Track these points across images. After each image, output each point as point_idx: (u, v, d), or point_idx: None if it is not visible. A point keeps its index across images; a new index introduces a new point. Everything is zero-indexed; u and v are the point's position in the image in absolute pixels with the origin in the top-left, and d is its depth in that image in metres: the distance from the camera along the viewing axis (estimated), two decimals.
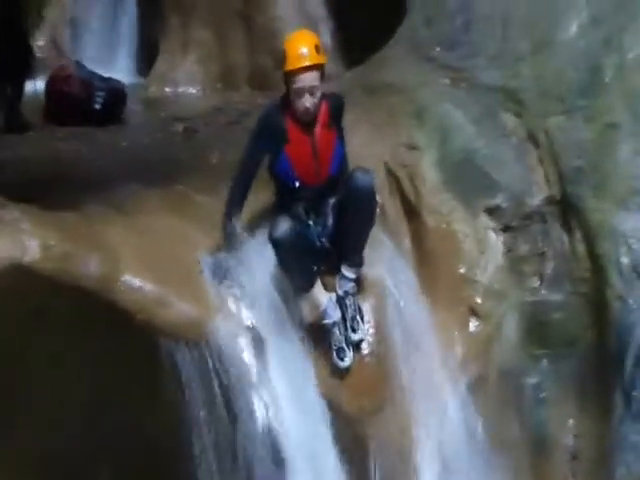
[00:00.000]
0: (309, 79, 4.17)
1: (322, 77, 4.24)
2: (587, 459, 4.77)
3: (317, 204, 4.42)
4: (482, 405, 4.72)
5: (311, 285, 4.30)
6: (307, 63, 4.15)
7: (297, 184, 4.33)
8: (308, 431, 4.18)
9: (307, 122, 4.27)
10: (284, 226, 4.11)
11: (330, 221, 4.43)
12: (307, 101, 4.19)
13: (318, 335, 4.37)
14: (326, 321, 4.35)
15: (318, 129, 4.30)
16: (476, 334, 4.81)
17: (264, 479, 4.12)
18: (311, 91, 4.18)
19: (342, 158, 4.42)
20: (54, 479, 4.12)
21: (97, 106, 7.08)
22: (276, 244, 4.12)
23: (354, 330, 4.43)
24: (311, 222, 4.39)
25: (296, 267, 4.21)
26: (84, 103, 7.04)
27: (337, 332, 4.37)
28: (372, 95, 5.38)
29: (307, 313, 4.34)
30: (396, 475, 4.54)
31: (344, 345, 4.38)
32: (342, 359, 4.37)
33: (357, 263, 4.43)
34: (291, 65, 4.17)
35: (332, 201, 4.43)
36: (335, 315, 4.37)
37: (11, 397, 3.92)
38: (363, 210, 4.31)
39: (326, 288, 4.39)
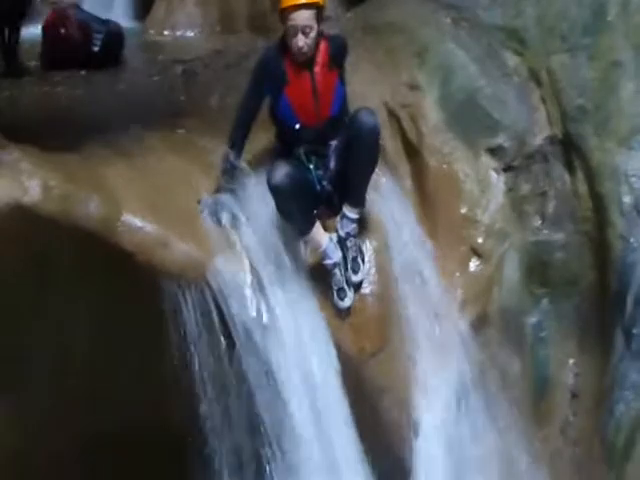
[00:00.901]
0: (302, 17, 4.14)
1: (319, 18, 4.20)
2: (587, 397, 4.80)
3: (318, 147, 4.39)
4: (483, 344, 4.75)
5: (310, 227, 4.30)
6: (301, 1, 4.12)
7: (297, 125, 4.31)
8: (311, 367, 4.20)
9: (305, 62, 4.24)
10: (282, 171, 4.10)
11: (332, 164, 4.41)
12: (300, 40, 4.15)
13: (319, 275, 4.37)
14: (327, 262, 4.36)
15: (317, 69, 4.27)
16: (477, 274, 4.82)
17: (266, 412, 4.14)
18: (304, 30, 4.14)
19: (343, 99, 4.39)
20: (58, 432, 4.13)
21: (95, 48, 7.02)
22: (274, 190, 4.11)
23: (355, 271, 4.44)
24: (312, 166, 4.36)
25: (295, 211, 4.21)
26: (82, 46, 6.98)
27: (338, 273, 4.38)
28: (373, 35, 5.32)
29: (307, 254, 4.36)
30: (397, 416, 4.57)
31: (344, 285, 4.39)
32: (342, 299, 4.39)
33: (359, 203, 4.41)
34: (285, 2, 4.15)
35: (334, 144, 4.40)
36: (335, 256, 4.37)
37: (13, 346, 3.93)
38: (367, 150, 4.28)
39: (327, 230, 4.39)
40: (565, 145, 4.94)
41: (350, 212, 4.39)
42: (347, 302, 4.40)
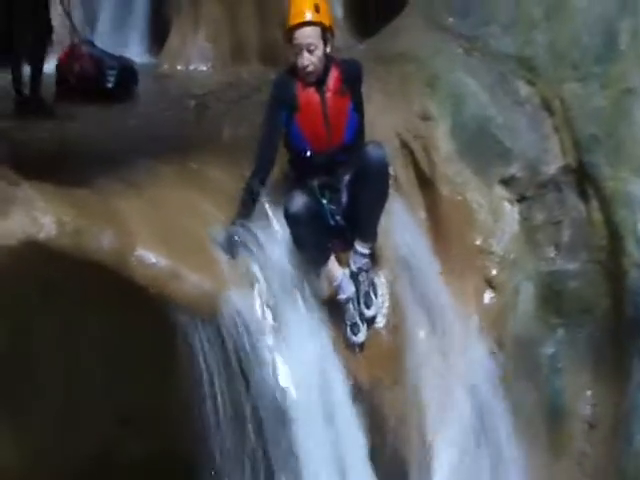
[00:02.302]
0: (305, 35, 4.18)
1: (325, 38, 4.23)
2: (604, 428, 4.75)
3: (332, 180, 4.39)
4: (498, 375, 4.71)
5: (325, 260, 4.30)
6: (303, 19, 4.17)
7: (308, 152, 4.32)
8: (326, 400, 4.17)
9: (316, 87, 4.26)
10: (299, 201, 4.11)
11: (344, 198, 4.41)
12: (305, 59, 4.19)
13: (332, 309, 4.36)
14: (340, 296, 4.35)
15: (329, 95, 4.28)
16: (492, 304, 4.80)
17: (279, 446, 4.11)
18: (308, 48, 4.17)
19: (357, 127, 4.38)
20: (69, 459, 4.14)
21: (109, 84, 7.08)
22: (291, 219, 4.11)
23: (367, 306, 4.43)
24: (325, 200, 4.36)
25: (311, 242, 4.20)
26: (96, 82, 7.04)
27: (351, 308, 4.37)
28: (385, 65, 5.32)
29: (322, 287, 4.34)
30: (414, 449, 4.54)
31: (358, 320, 4.38)
32: (356, 334, 4.37)
33: (370, 238, 4.40)
34: (288, 23, 4.22)
35: (347, 177, 4.40)
36: (349, 290, 4.36)
37: (22, 376, 3.93)
38: (376, 185, 4.28)
39: (340, 263, 4.38)
40: (579, 174, 4.91)
41: (361, 247, 4.38)
42: (360, 337, 4.38)
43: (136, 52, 8.54)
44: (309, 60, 4.19)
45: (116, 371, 4.07)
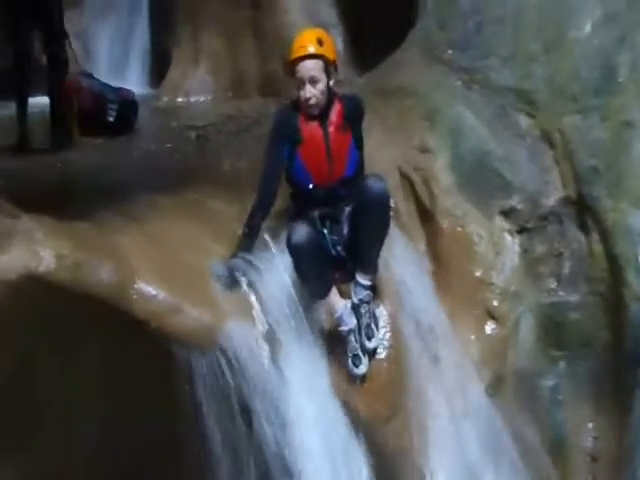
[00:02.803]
0: (308, 68, 4.19)
1: (328, 71, 4.25)
2: (607, 461, 4.72)
3: (333, 211, 4.40)
4: (499, 408, 4.69)
5: (327, 292, 4.29)
6: (306, 52, 4.18)
7: (310, 186, 4.33)
8: (327, 434, 4.15)
9: (319, 122, 4.27)
10: (302, 232, 4.11)
11: (345, 230, 4.41)
12: (307, 92, 4.20)
13: (334, 341, 4.34)
14: (342, 328, 4.33)
15: (332, 129, 4.30)
16: (493, 336, 4.79)
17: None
18: (311, 80, 4.18)
19: (358, 162, 4.40)
20: None
21: (110, 119, 7.08)
22: (294, 250, 4.11)
23: (369, 338, 4.41)
24: (326, 231, 4.36)
25: (313, 273, 4.20)
26: (97, 117, 7.03)
27: (353, 340, 4.35)
28: (384, 99, 5.35)
29: (323, 319, 4.33)
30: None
31: (359, 352, 4.36)
32: (357, 366, 4.35)
33: (371, 270, 4.40)
34: (291, 56, 4.23)
35: (348, 209, 4.40)
36: (350, 322, 4.34)
37: (23, 410, 3.90)
38: (376, 217, 4.28)
39: (342, 295, 4.37)
40: (579, 206, 4.92)
41: (363, 279, 4.37)
42: (362, 369, 4.35)
43: (136, 84, 8.59)
44: (311, 93, 4.20)
45: (116, 404, 4.03)
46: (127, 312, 3.87)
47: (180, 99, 8.28)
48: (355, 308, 4.38)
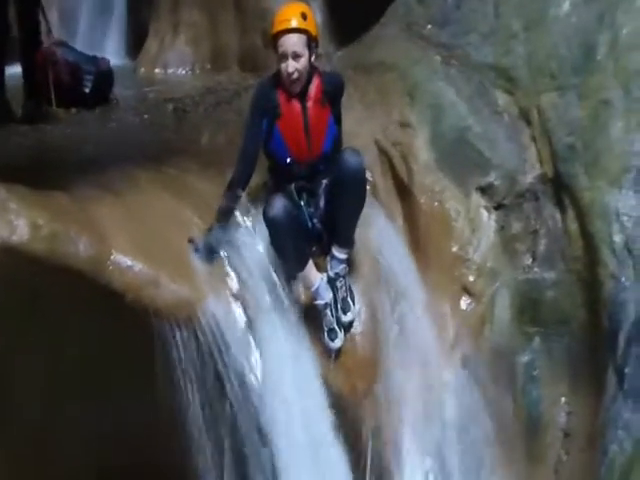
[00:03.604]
0: (291, 42, 4.16)
1: (310, 46, 4.23)
2: (580, 437, 4.75)
3: (310, 184, 4.40)
4: (474, 384, 4.72)
5: (304, 265, 4.30)
6: (289, 26, 4.16)
7: (288, 160, 4.32)
8: (303, 406, 4.17)
9: (298, 96, 4.26)
10: (279, 205, 4.11)
11: (322, 203, 4.41)
12: (290, 66, 4.18)
13: (310, 315, 4.36)
14: (318, 302, 4.35)
15: (310, 104, 4.29)
16: (468, 312, 4.81)
17: (256, 450, 4.12)
18: (294, 55, 4.17)
19: (335, 138, 4.40)
20: (50, 466, 4.11)
21: (86, 89, 6.98)
22: (271, 223, 4.11)
23: (345, 311, 4.43)
24: (303, 203, 4.37)
25: (289, 247, 4.20)
26: (72, 88, 6.92)
27: (329, 313, 4.37)
28: (364, 73, 5.34)
29: (299, 293, 4.35)
30: (388, 457, 4.53)
31: (335, 326, 4.38)
32: (333, 340, 4.37)
33: (348, 244, 4.41)
34: (274, 29, 4.20)
35: (325, 182, 4.40)
36: (326, 296, 4.36)
37: (3, 383, 3.90)
38: (353, 191, 4.28)
39: (318, 269, 4.38)
40: (555, 184, 4.93)
41: (339, 252, 4.39)
42: (338, 343, 4.38)
43: (113, 54, 8.47)
44: (294, 67, 4.18)
45: (97, 376, 4.03)
46: (104, 284, 3.86)
47: (158, 71, 8.22)
48: (331, 282, 4.39)
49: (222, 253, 4.22)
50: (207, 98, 6.67)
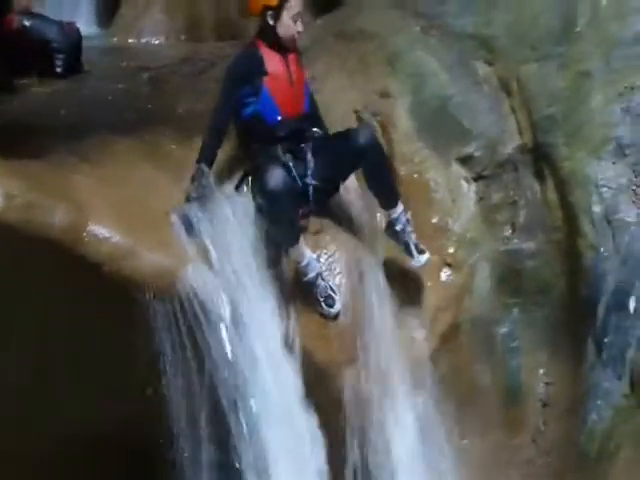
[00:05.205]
0: (300, 3, 4.35)
1: None
2: (558, 406, 4.79)
3: (294, 147, 4.40)
4: (454, 354, 4.74)
5: (297, 239, 4.28)
6: None
7: (279, 118, 4.34)
8: (283, 378, 4.15)
9: (280, 53, 4.34)
10: (279, 177, 4.12)
11: (311, 161, 4.40)
12: (300, 26, 4.34)
13: (293, 288, 4.34)
14: (309, 275, 4.33)
15: (291, 58, 4.39)
16: (448, 283, 4.83)
17: (235, 422, 4.09)
18: (301, 16, 4.35)
19: (312, 97, 4.51)
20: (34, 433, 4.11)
21: (58, 69, 6.79)
22: (270, 195, 4.11)
23: (422, 252, 4.56)
24: (291, 163, 4.36)
25: (285, 219, 4.21)
26: (44, 69, 6.73)
27: (322, 282, 4.36)
28: (344, 41, 5.32)
29: (284, 266, 4.33)
30: (368, 426, 4.53)
31: (330, 292, 4.38)
32: (332, 305, 4.39)
33: (397, 199, 4.54)
34: None
35: (308, 147, 4.41)
36: (316, 267, 4.36)
37: None
38: (376, 163, 4.42)
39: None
40: (535, 154, 4.94)
41: (394, 212, 4.51)
42: (337, 306, 4.39)
43: (85, 22, 8.31)
44: (301, 26, 4.35)
45: (76, 347, 4.02)
46: (81, 255, 3.81)
47: (131, 40, 8.05)
48: (402, 232, 4.52)
49: (200, 222, 4.17)
50: (183, 68, 6.58)
